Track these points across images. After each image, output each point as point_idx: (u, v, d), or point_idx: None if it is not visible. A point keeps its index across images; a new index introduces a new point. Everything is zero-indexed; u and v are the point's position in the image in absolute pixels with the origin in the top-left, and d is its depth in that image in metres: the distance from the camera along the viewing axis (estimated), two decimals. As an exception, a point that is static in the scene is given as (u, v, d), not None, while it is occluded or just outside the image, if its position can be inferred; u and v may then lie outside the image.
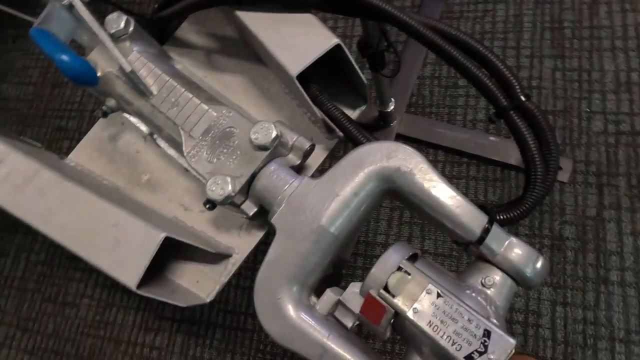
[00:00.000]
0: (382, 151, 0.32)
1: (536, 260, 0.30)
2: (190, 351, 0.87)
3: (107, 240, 0.34)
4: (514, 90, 0.33)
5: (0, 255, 1.04)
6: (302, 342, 0.30)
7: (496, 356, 0.24)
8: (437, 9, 0.95)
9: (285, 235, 0.32)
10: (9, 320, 0.98)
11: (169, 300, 0.34)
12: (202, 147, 0.36)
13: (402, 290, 0.28)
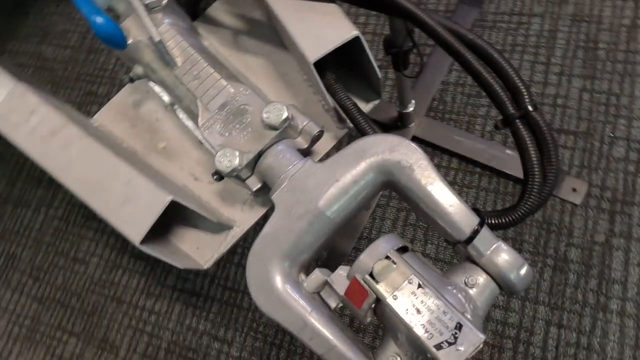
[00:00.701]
0: (385, 144, 0.33)
1: (520, 267, 0.30)
2: (186, 320, 0.90)
3: (118, 197, 0.36)
4: (523, 99, 0.33)
5: (22, 206, 1.09)
6: (285, 314, 0.31)
7: (464, 348, 0.25)
8: (471, 16, 0.95)
9: (283, 212, 0.33)
10: (23, 268, 1.03)
11: (168, 260, 0.36)
12: (217, 121, 0.38)
13: (386, 278, 0.29)
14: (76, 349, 0.94)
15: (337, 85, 0.37)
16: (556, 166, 0.32)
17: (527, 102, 0.33)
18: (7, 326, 0.99)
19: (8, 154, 1.16)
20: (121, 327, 0.93)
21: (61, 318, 0.97)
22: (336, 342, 0.31)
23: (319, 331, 0.31)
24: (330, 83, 0.37)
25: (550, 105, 0.86)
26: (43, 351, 0.95)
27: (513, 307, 0.76)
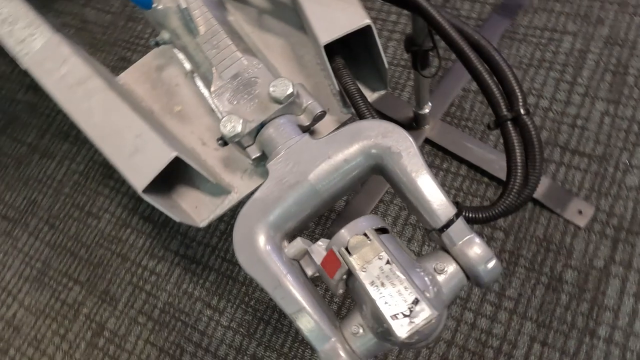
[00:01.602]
0: (379, 129, 0.35)
1: (489, 261, 0.32)
2: (184, 285, 0.94)
3: (129, 147, 0.39)
4: (517, 103, 0.34)
5: (48, 157, 1.16)
6: (262, 273, 0.34)
7: (416, 320, 0.27)
8: (501, 26, 0.94)
9: (275, 180, 0.36)
10: (41, 214, 1.10)
11: (166, 211, 0.39)
12: (227, 89, 0.40)
13: (359, 252, 0.31)
14: (79, 297, 0.99)
15: (345, 70, 0.39)
16: (539, 171, 0.33)
17: (520, 106, 0.34)
18: (20, 266, 1.06)
19: (42, 106, 1.23)
20: (122, 282, 0.98)
21: (69, 266, 1.02)
22: (305, 305, 0.33)
23: (291, 292, 0.33)
24: (338, 67, 0.39)
25: (569, 125, 0.86)
26: (49, 294, 1.01)
27: (500, 318, 0.77)
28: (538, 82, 0.90)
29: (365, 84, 0.45)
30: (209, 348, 0.88)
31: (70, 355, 0.95)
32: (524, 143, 0.34)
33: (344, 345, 0.33)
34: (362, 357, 0.33)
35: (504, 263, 0.80)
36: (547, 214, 0.81)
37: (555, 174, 0.83)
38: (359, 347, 0.33)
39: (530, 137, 0.33)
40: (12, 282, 1.05)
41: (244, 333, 0.87)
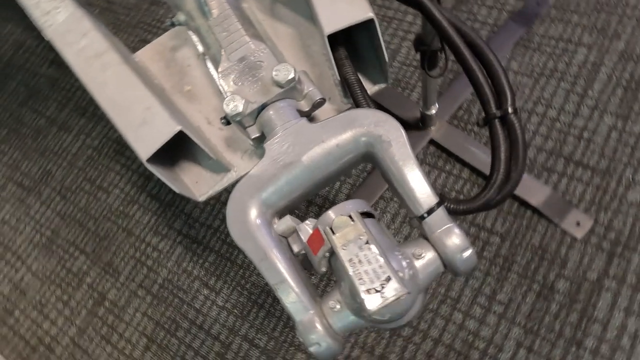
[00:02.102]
0: (373, 118, 0.36)
1: (465, 250, 0.33)
2: (184, 263, 0.97)
3: (137, 118, 0.41)
4: (505, 101, 0.35)
5: (65, 130, 1.20)
6: (251, 245, 0.36)
7: (386, 296, 0.29)
8: (516, 34, 0.95)
9: (271, 159, 0.38)
10: (54, 185, 1.14)
11: (168, 182, 0.41)
12: (234, 70, 0.42)
13: (342, 231, 0.33)
14: (84, 266, 1.03)
15: (346, 61, 0.40)
16: (521, 168, 0.34)
17: (508, 105, 0.35)
18: (30, 232, 1.10)
19: (63, 81, 1.27)
20: (126, 256, 1.01)
21: (77, 236, 1.06)
22: (288, 277, 0.35)
23: (276, 265, 0.35)
24: (341, 57, 0.41)
25: (575, 137, 0.86)
26: (56, 261, 1.05)
27: (488, 321, 0.78)
28: (548, 91, 0.90)
29: (368, 76, 0.46)
30: (202, 326, 0.91)
31: (72, 321, 0.99)
32: (510, 141, 0.35)
33: (322, 320, 0.34)
34: (338, 332, 0.34)
35: (497, 268, 0.81)
36: (544, 223, 0.81)
37: (557, 184, 0.83)
38: (336, 322, 0.34)
39: (516, 136, 0.35)
40: (22, 247, 1.09)
41: (238, 314, 0.90)
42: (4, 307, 1.04)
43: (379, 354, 0.81)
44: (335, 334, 0.34)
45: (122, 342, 0.94)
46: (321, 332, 0.34)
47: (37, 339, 0.99)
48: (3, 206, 1.16)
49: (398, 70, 1.01)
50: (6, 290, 1.06)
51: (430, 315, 0.81)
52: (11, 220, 1.13)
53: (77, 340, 0.97)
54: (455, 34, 0.35)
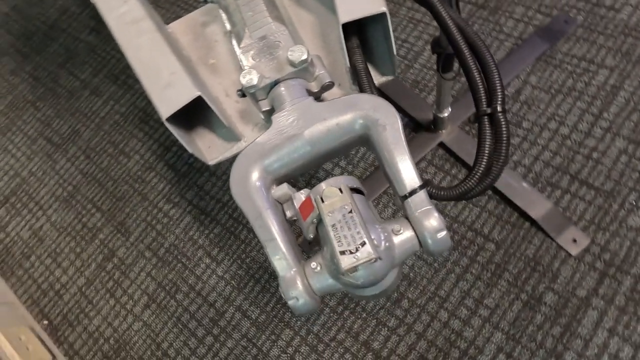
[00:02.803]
0: (373, 103, 0.40)
1: (439, 231, 0.36)
2: (191, 232, 1.02)
3: (163, 81, 0.46)
4: (496, 100, 0.38)
5: (96, 95, 1.27)
6: (249, 204, 0.39)
7: (358, 257, 0.32)
8: (539, 49, 0.96)
9: (276, 130, 0.41)
10: (80, 144, 1.21)
11: (183, 142, 0.46)
12: (254, 47, 0.46)
13: (330, 200, 0.36)
14: (98, 223, 1.09)
15: (357, 50, 0.44)
16: (502, 163, 0.37)
17: (497, 104, 0.38)
18: (54, 186, 1.17)
19: (101, 49, 1.34)
20: (138, 218, 1.07)
21: (95, 194, 1.13)
22: (277, 236, 0.38)
23: (268, 224, 0.39)
24: (352, 46, 0.44)
25: (584, 156, 0.86)
26: (73, 215, 1.12)
27: (473, 323, 0.80)
28: (563, 109, 0.91)
29: (378, 68, 0.49)
30: (201, 292, 0.96)
31: (81, 272, 1.06)
32: (495, 138, 0.38)
33: (303, 279, 0.38)
34: (316, 292, 0.38)
35: (488, 273, 0.83)
36: (541, 236, 0.83)
37: (559, 200, 0.84)
38: (315, 283, 0.38)
39: (501, 133, 0.37)
40: (44, 199, 1.17)
41: (235, 286, 0.94)
42: (22, 252, 1.12)
43: (362, 340, 0.84)
44: (313, 293, 0.38)
45: (125, 297, 1.00)
46: (300, 289, 0.37)
47: (48, 284, 1.06)
48: (32, 159, 1.23)
49: (418, 72, 1.03)
50: (26, 236, 1.13)
51: (416, 310, 0.83)
52: (38, 172, 1.21)
53: (85, 290, 1.04)
54: (457, 33, 0.38)
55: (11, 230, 1.15)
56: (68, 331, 1.01)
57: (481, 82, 0.38)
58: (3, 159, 1.26)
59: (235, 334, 0.91)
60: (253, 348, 0.89)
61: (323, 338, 0.86)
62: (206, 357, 0.90)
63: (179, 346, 0.93)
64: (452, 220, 0.88)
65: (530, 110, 0.93)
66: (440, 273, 0.85)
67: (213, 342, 0.91)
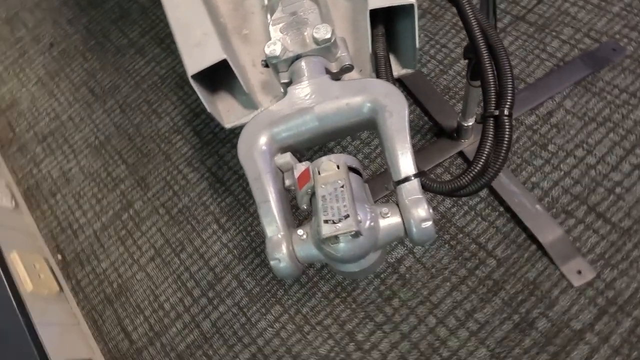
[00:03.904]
0: (384, 89, 0.41)
1: (425, 221, 0.37)
2: (204, 197, 1.06)
3: (195, 40, 0.48)
4: (504, 103, 0.38)
5: (140, 54, 1.32)
6: (251, 165, 0.41)
7: (339, 227, 0.33)
8: (580, 74, 0.93)
9: (290, 101, 0.43)
10: (118, 98, 1.27)
11: (203, 100, 0.48)
12: (283, 21, 0.48)
13: (326, 173, 0.38)
14: (121, 174, 1.15)
15: (381, 37, 0.45)
16: (499, 166, 0.37)
17: (505, 107, 0.38)
18: (88, 133, 1.24)
19: (152, 12, 1.40)
20: (158, 176, 1.12)
21: (124, 147, 1.19)
22: (271, 200, 0.40)
23: (265, 186, 0.41)
24: (377, 33, 0.45)
25: (606, 189, 0.84)
26: (100, 163, 1.19)
27: (459, 334, 0.80)
28: (594, 138, 0.88)
29: (400, 59, 0.50)
30: (204, 255, 1.00)
31: (99, 217, 1.12)
32: (497, 140, 0.38)
33: (289, 244, 0.40)
34: (299, 259, 0.40)
35: (484, 288, 0.82)
36: (545, 262, 0.81)
37: (572, 229, 0.82)
38: (299, 250, 0.40)
39: (503, 136, 0.37)
40: (78, 143, 1.24)
41: (236, 255, 0.98)
42: (50, 189, 1.20)
43: (348, 329, 0.85)
44: (296, 259, 0.40)
45: (134, 247, 1.06)
46: (283, 253, 0.39)
47: (67, 223, 1.13)
48: (73, 105, 1.31)
49: (452, 78, 1.02)
50: (55, 175, 1.21)
51: (406, 310, 0.84)
52: (76, 119, 1.28)
53: (99, 234, 1.10)
54: (479, 32, 0.38)
55: (44, 167, 1.23)
56: (78, 269, 1.07)
57: (494, 84, 0.39)
58: (47, 101, 1.34)
59: (228, 301, 0.94)
60: (242, 317, 0.92)
61: (310, 320, 0.88)
62: (198, 316, 0.94)
63: (175, 302, 0.97)
64: (458, 230, 0.87)
65: (559, 134, 0.90)
66: (437, 279, 0.85)
67: (207, 303, 0.95)
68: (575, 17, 1.00)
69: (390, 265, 0.88)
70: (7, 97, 1.38)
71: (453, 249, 0.86)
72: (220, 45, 0.48)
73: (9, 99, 1.37)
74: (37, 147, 1.27)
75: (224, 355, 0.89)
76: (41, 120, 1.31)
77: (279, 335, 0.88)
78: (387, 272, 0.87)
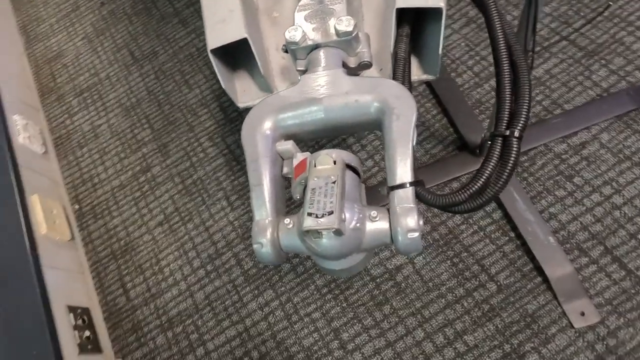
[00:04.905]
0: (396, 91, 0.40)
1: (411, 232, 0.35)
2: (219, 172, 1.08)
3: (220, 15, 0.48)
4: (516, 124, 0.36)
5: (183, 25, 1.35)
6: (251, 146, 0.42)
7: (320, 222, 0.33)
8: (623, 107, 0.88)
9: (300, 88, 0.43)
10: (154, 64, 1.30)
11: (219, 75, 0.49)
12: (310, 8, 0.47)
13: (322, 167, 0.38)
14: (145, 138, 1.19)
15: (405, 38, 0.43)
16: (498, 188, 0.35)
17: (517, 128, 0.36)
18: (122, 94, 1.28)
19: (200, -16, 1.42)
20: (179, 146, 1.15)
21: (152, 112, 1.22)
22: (264, 184, 0.40)
23: (260, 169, 0.41)
24: (402, 34, 0.43)
25: (628, 233, 0.79)
26: (129, 124, 1.22)
27: (445, 353, 0.78)
28: (625, 178, 0.83)
29: (423, 64, 0.49)
30: (209, 229, 1.02)
31: (119, 174, 1.16)
32: (502, 162, 0.36)
33: (274, 231, 0.40)
34: (282, 247, 0.40)
35: (479, 312, 0.80)
36: (548, 296, 0.78)
37: (583, 268, 0.78)
38: (283, 239, 0.39)
39: (508, 159, 0.36)
40: (111, 102, 1.28)
41: (240, 234, 0.99)
42: (79, 141, 1.25)
43: (335, 326, 0.85)
44: (279, 247, 0.40)
45: (145, 210, 1.09)
46: (267, 238, 0.39)
47: (89, 176, 1.18)
48: (112, 64, 1.35)
49: (485, 93, 0.99)
50: (86, 129, 1.26)
51: (395, 319, 0.83)
52: (113, 78, 1.33)
53: (116, 192, 1.14)
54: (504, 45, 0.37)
55: (76, 120, 1.28)
56: (91, 221, 1.12)
57: (509, 102, 0.37)
58: (90, 58, 1.39)
59: (224, 277, 0.96)
60: (235, 295, 0.93)
61: (299, 311, 0.88)
62: (194, 286, 0.97)
63: (175, 268, 1.00)
64: (463, 249, 0.85)
65: (588, 167, 0.86)
66: (432, 293, 0.83)
67: (204, 275, 0.97)
68: (630, 47, 0.94)
69: (387, 271, 0.86)
70: (55, 48, 1.44)
71: (455, 266, 0.84)
72: (244, 24, 0.48)
73: (56, 50, 1.44)
74: (73, 100, 1.32)
75: (211, 328, 0.91)
76: (81, 75, 1.36)
77: (267, 319, 0.89)
78: (383, 278, 0.86)
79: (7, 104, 1.14)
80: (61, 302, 0.90)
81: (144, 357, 0.92)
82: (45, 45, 1.46)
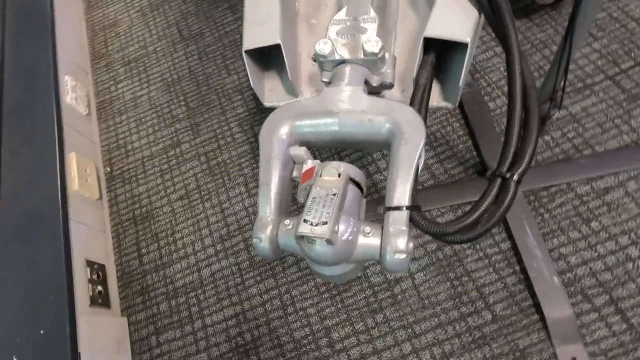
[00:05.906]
0: (409, 118, 0.41)
1: (399, 253, 0.37)
2: (243, 159, 1.12)
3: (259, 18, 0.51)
4: (516, 167, 0.37)
5: (232, 10, 1.39)
6: (266, 147, 0.44)
7: (314, 230, 0.36)
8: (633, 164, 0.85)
9: (320, 101, 0.45)
10: (199, 45, 1.36)
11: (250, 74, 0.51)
12: (343, 23, 0.49)
13: (326, 178, 0.40)
14: (180, 115, 1.24)
15: (429, 66, 0.45)
16: (488, 228, 0.37)
17: (516, 172, 0.37)
18: (165, 70, 1.34)
19: (254, -27, 1.45)
20: (210, 127, 1.20)
21: (190, 91, 1.28)
22: (273, 184, 0.43)
23: (271, 170, 0.43)
24: (427, 61, 0.45)
25: (638, 287, 0.77)
26: (167, 99, 1.29)
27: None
28: (635, 223, 0.81)
29: (445, 92, 0.50)
30: (224, 211, 1.07)
31: (150, 145, 1.23)
32: (496, 201, 0.37)
33: (274, 229, 0.43)
34: (279, 245, 0.43)
35: (469, 337, 0.80)
36: (542, 335, 0.77)
37: (583, 314, 0.77)
38: (280, 237, 0.42)
39: (504, 200, 0.37)
40: (154, 76, 1.35)
41: (252, 221, 1.03)
42: (119, 108, 1.32)
43: (327, 325, 0.88)
44: (277, 244, 0.43)
45: (169, 182, 1.15)
46: (266, 235, 0.42)
47: (124, 142, 1.25)
48: (161, 40, 1.42)
49: (516, 122, 0.98)
50: (127, 97, 1.33)
51: (386, 329, 0.84)
52: (159, 53, 1.39)
53: (145, 161, 1.20)
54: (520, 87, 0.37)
55: (120, 87, 1.36)
56: (119, 185, 1.19)
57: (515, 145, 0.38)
58: (141, 30, 1.46)
59: (231, 258, 1.00)
60: (239, 277, 0.98)
61: (296, 304, 0.92)
62: (201, 262, 1.02)
63: (187, 242, 1.05)
64: (465, 273, 0.85)
65: (608, 213, 0.84)
66: (426, 311, 0.84)
67: (213, 254, 1.02)
68: (677, 97, 0.90)
69: (386, 282, 0.88)
70: (112, 16, 1.52)
71: (454, 288, 0.85)
72: (280, 29, 0.50)
73: (112, 18, 1.52)
74: (120, 68, 1.40)
75: (211, 305, 0.96)
76: (131, 46, 1.43)
77: (264, 306, 0.93)
78: (381, 287, 0.88)
79: (61, 64, 1.22)
80: (81, 255, 0.97)
81: (147, 319, 0.99)
82: (104, 12, 1.54)
